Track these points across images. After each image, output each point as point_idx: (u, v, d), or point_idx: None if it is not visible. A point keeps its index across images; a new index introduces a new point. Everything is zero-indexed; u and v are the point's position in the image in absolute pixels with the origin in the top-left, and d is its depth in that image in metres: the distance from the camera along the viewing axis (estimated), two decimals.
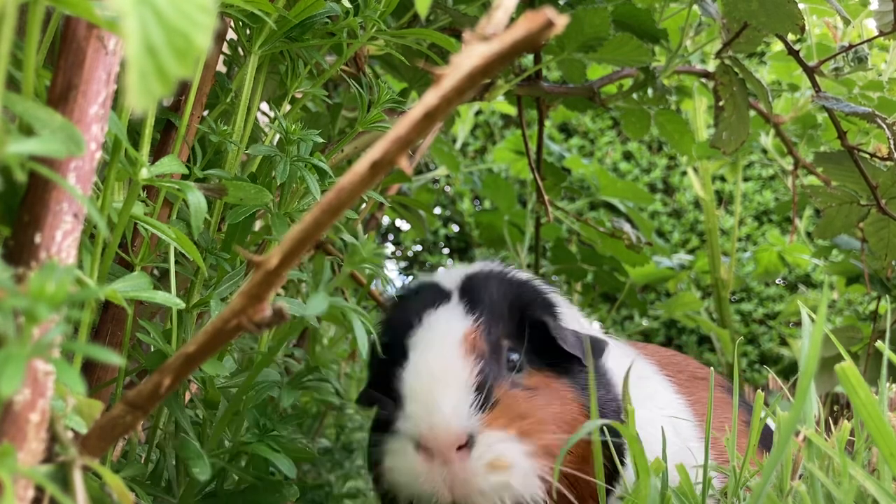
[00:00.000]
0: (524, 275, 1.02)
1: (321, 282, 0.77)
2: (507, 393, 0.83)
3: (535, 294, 0.97)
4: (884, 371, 0.70)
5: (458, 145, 2.79)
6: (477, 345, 0.86)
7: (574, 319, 0.99)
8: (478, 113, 3.96)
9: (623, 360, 0.96)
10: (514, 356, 0.88)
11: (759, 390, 0.82)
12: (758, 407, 0.78)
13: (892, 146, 1.18)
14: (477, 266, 1.02)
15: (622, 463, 0.82)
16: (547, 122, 1.72)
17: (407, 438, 0.82)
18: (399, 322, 0.93)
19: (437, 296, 0.94)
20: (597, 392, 0.82)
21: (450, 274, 1.01)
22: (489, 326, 0.89)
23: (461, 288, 0.95)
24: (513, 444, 0.80)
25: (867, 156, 1.31)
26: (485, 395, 0.82)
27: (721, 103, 1.41)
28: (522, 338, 0.90)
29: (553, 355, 0.90)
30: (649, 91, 1.55)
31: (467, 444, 0.79)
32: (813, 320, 0.82)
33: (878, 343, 0.69)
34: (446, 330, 0.88)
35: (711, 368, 0.94)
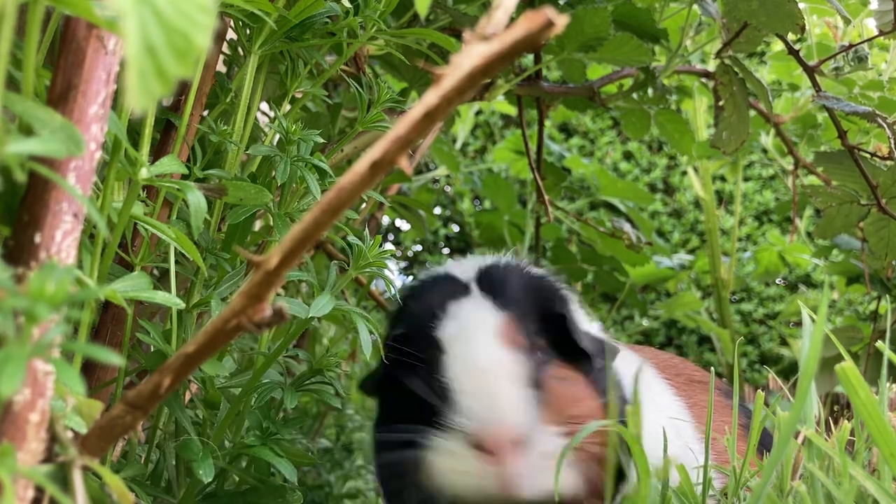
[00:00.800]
0: (539, 269, 1.01)
1: (326, 284, 0.77)
2: (553, 387, 0.83)
3: (554, 289, 0.96)
4: (884, 371, 0.70)
5: (458, 145, 2.80)
6: (514, 338, 0.85)
7: (582, 318, 0.99)
8: (478, 113, 3.96)
9: (628, 362, 0.96)
10: (542, 350, 0.87)
11: (759, 390, 0.82)
12: (758, 407, 0.77)
13: (893, 145, 1.18)
14: (489, 258, 1.01)
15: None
16: (547, 122, 1.72)
17: (459, 436, 0.79)
18: (420, 312, 0.91)
19: (455, 287, 0.93)
20: (609, 392, 0.82)
21: (461, 265, 0.99)
22: (520, 320, 0.88)
23: (479, 280, 0.94)
24: (563, 438, 0.79)
25: (867, 155, 1.31)
26: (535, 389, 0.81)
27: (721, 103, 1.41)
28: (544, 332, 0.89)
29: (567, 352, 0.89)
30: (649, 91, 1.55)
31: (525, 441, 0.78)
32: (813, 320, 0.82)
33: (879, 343, 0.69)
34: (481, 322, 0.86)
35: (711, 369, 0.94)
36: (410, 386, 0.85)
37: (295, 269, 0.62)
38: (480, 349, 0.84)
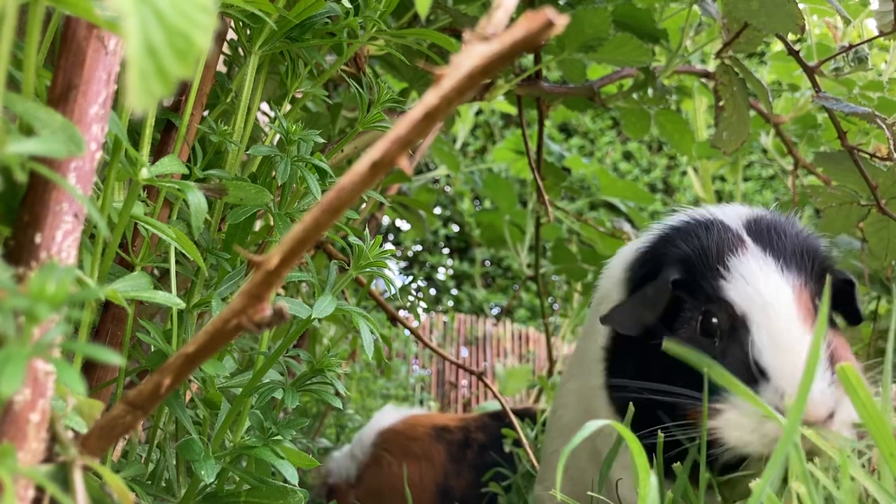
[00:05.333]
0: (805, 227, 0.98)
1: (327, 284, 0.77)
2: (845, 359, 0.83)
3: (828, 250, 0.94)
4: (887, 369, 0.70)
5: (458, 145, 2.80)
6: (810, 308, 0.85)
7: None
8: (478, 113, 3.96)
9: None
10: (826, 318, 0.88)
11: None
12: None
13: (892, 146, 1.18)
14: (756, 209, 0.98)
15: None
16: (547, 122, 1.72)
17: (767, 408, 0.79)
18: (696, 260, 0.89)
19: (729, 237, 0.90)
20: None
21: (725, 211, 0.97)
22: (809, 284, 0.87)
23: (751, 231, 0.92)
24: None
25: (867, 156, 1.31)
26: (834, 365, 0.81)
27: (721, 103, 1.41)
28: (821, 294, 0.86)
29: (844, 314, 0.90)
30: (649, 91, 1.55)
31: (832, 413, 0.80)
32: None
33: (885, 350, 0.69)
34: (778, 291, 0.85)
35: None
36: (691, 347, 0.83)
37: (295, 269, 0.62)
38: (786, 323, 0.83)
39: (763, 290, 0.86)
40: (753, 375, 0.82)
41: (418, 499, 1.79)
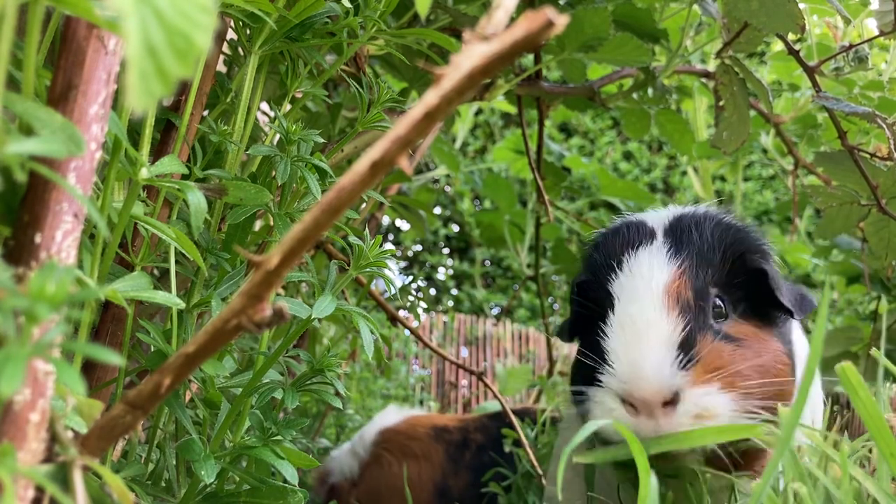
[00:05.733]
0: (738, 220, 1.00)
1: (327, 284, 0.77)
2: (713, 346, 0.83)
3: (755, 241, 0.95)
4: (880, 371, 0.70)
5: (458, 145, 2.80)
6: (681, 294, 0.86)
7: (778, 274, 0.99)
8: (478, 112, 3.97)
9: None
10: (720, 303, 0.88)
11: None
12: None
13: (893, 146, 1.18)
14: (688, 207, 1.01)
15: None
16: (547, 122, 1.72)
17: (612, 393, 0.82)
18: (600, 263, 0.93)
19: (640, 235, 0.93)
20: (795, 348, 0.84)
21: (659, 213, 0.99)
22: (696, 271, 0.88)
23: (668, 228, 0.94)
24: (717, 396, 0.80)
25: (867, 156, 1.31)
26: (689, 349, 0.81)
27: (721, 103, 1.41)
28: (731, 284, 0.89)
29: (761, 304, 0.90)
30: (649, 91, 1.55)
31: (673, 400, 0.80)
32: (813, 320, 0.81)
33: (874, 350, 0.69)
34: (649, 277, 0.87)
35: None
36: (586, 338, 0.88)
37: (295, 269, 0.62)
38: (635, 310, 0.85)
39: (633, 279, 0.88)
40: (607, 360, 0.84)
41: (417, 498, 1.80)
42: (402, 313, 1.90)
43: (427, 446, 1.90)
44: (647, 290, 0.86)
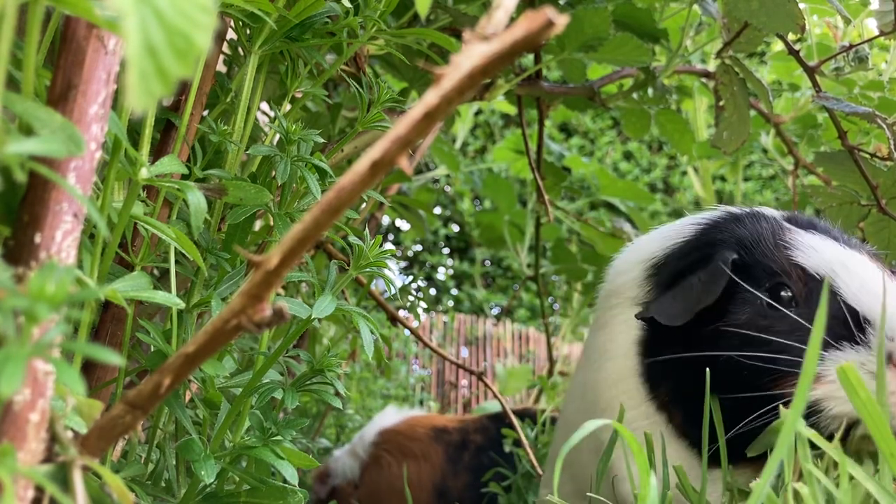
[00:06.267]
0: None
1: (327, 284, 0.77)
2: None
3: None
4: (881, 369, 0.70)
5: (458, 145, 2.80)
6: (881, 266, 0.90)
7: None
8: (478, 112, 3.96)
9: None
10: None
11: None
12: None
13: (893, 146, 1.18)
14: (762, 209, 1.04)
15: None
16: (547, 122, 1.72)
17: (869, 355, 0.81)
18: (748, 240, 0.93)
19: (774, 222, 0.95)
20: None
21: (754, 209, 1.02)
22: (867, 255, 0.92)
23: (791, 221, 0.96)
24: None
25: (867, 156, 1.31)
26: None
27: (721, 103, 1.41)
28: None
29: None
30: (649, 91, 1.55)
31: None
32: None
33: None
34: (849, 252, 0.90)
35: None
36: (760, 323, 0.86)
37: (295, 269, 0.62)
38: (874, 275, 0.86)
39: (839, 254, 0.89)
40: (851, 330, 0.83)
41: (417, 499, 1.80)
42: (402, 313, 1.90)
43: (427, 447, 1.91)
44: (862, 261, 0.88)
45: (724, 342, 0.87)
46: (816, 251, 0.90)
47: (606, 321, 1.04)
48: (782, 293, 0.88)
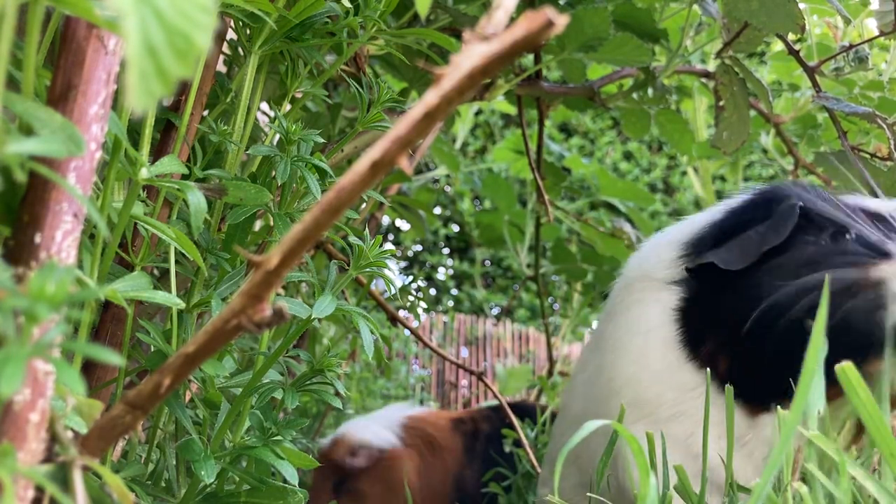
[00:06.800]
0: None
1: (327, 284, 0.77)
2: None
3: None
4: (887, 367, 0.70)
5: (458, 145, 2.80)
6: None
7: None
8: (478, 113, 3.96)
9: None
10: None
11: None
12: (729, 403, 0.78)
13: (893, 146, 1.18)
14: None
15: None
16: (547, 122, 1.72)
17: None
18: (803, 195, 0.96)
19: (818, 191, 0.99)
20: None
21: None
22: None
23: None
24: None
25: (867, 156, 1.31)
26: None
27: (721, 103, 1.41)
28: None
29: None
30: (649, 91, 1.55)
31: None
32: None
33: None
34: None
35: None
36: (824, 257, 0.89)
37: (295, 269, 0.62)
38: None
39: (887, 202, 0.95)
40: None
41: (441, 491, 1.79)
42: (402, 313, 1.90)
43: (449, 437, 1.90)
44: None
45: (784, 276, 0.90)
46: (867, 202, 0.94)
47: (629, 305, 1.06)
48: (846, 235, 0.91)
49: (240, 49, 0.93)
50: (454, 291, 6.90)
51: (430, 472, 1.73)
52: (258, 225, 1.07)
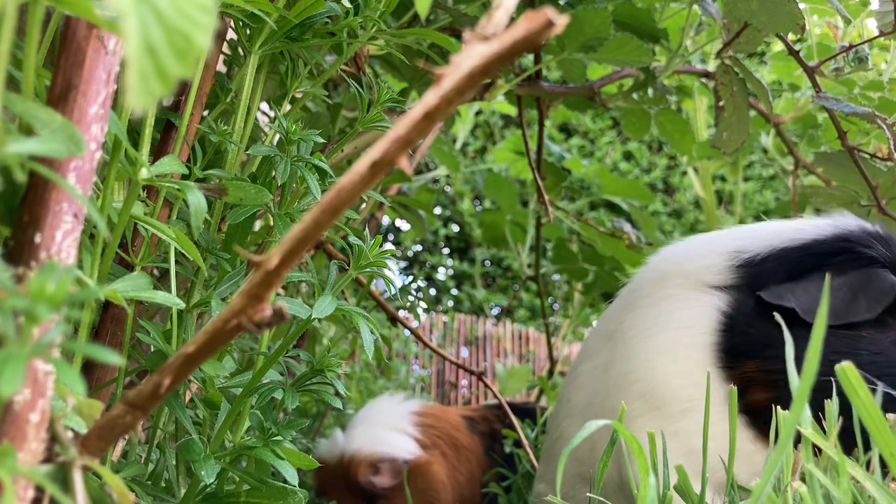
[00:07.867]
0: None
1: (327, 284, 0.77)
2: None
3: None
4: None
5: (459, 145, 2.79)
6: None
7: None
8: (478, 113, 3.96)
9: None
10: None
11: None
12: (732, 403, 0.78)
13: (893, 146, 1.18)
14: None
15: None
16: (547, 122, 1.72)
17: None
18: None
19: None
20: None
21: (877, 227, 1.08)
22: None
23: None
24: None
25: (867, 156, 1.31)
26: None
27: (721, 103, 1.41)
28: None
29: None
30: (649, 91, 1.55)
31: None
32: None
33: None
34: None
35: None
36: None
37: (295, 269, 0.62)
38: None
39: None
40: None
41: (469, 493, 1.74)
42: (402, 313, 1.90)
43: (468, 438, 1.84)
44: None
45: (863, 347, 0.91)
46: None
47: (658, 300, 1.05)
48: None
49: (240, 49, 0.93)
50: (454, 291, 6.90)
51: (457, 475, 1.69)
52: (258, 225, 1.07)
